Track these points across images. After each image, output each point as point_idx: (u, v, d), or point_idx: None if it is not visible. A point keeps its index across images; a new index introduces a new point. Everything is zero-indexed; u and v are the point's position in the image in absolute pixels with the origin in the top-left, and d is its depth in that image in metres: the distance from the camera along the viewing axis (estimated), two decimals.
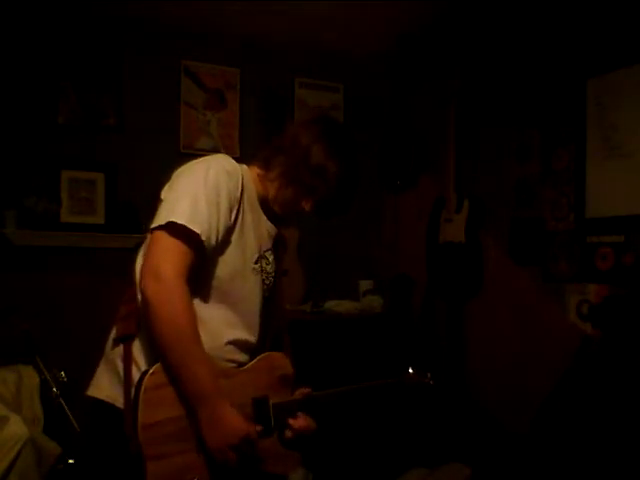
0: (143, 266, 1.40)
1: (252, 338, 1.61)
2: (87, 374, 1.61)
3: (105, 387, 1.48)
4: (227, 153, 1.68)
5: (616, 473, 2.37)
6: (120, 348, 1.47)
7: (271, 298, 1.70)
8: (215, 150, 3.71)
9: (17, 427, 2.37)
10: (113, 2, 3.42)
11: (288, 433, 1.59)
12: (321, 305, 3.76)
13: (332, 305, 3.78)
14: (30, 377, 2.77)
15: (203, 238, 1.41)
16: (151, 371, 1.37)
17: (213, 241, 1.44)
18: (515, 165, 3.14)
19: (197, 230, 1.40)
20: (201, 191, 1.43)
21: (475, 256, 3.27)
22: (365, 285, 3.98)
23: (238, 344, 1.56)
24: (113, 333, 1.53)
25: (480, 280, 3.27)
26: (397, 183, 3.99)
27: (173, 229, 1.40)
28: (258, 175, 1.63)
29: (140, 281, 1.39)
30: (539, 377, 2.87)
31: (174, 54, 3.78)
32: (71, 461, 2.66)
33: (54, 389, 2.72)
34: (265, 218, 1.65)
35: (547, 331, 2.89)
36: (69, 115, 3.54)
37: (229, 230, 1.50)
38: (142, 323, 1.44)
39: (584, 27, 2.78)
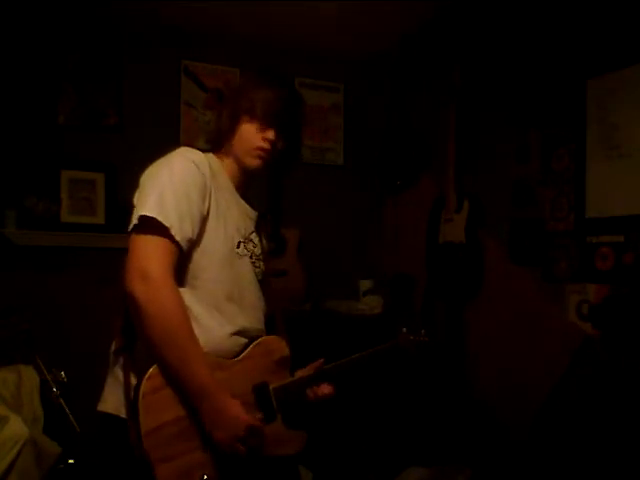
0: (127, 269, 1.37)
1: (254, 324, 1.61)
2: (87, 374, 1.61)
3: (110, 400, 1.48)
4: None
5: (616, 474, 2.37)
6: (121, 359, 1.46)
7: (263, 281, 1.69)
8: None
9: (17, 427, 2.36)
10: (113, 2, 3.42)
11: (311, 395, 1.67)
12: (321, 305, 3.76)
13: (332, 305, 3.78)
14: (30, 377, 2.76)
15: (172, 232, 1.39)
16: (147, 375, 1.36)
17: (189, 231, 1.43)
18: (515, 165, 3.14)
19: (167, 224, 1.39)
20: (168, 185, 1.43)
21: (475, 256, 3.27)
22: (365, 285, 3.97)
23: (242, 334, 1.55)
24: (113, 346, 1.51)
25: (480, 280, 3.26)
26: (397, 183, 3.99)
27: (148, 227, 1.39)
28: (218, 155, 1.62)
29: (126, 284, 1.36)
30: (539, 377, 2.87)
31: (174, 54, 3.79)
32: (71, 461, 2.66)
33: (54, 389, 2.72)
34: (243, 202, 1.64)
35: (547, 331, 2.89)
36: (69, 115, 3.54)
37: (205, 218, 1.49)
38: (139, 331, 1.42)
39: (584, 27, 2.77)
